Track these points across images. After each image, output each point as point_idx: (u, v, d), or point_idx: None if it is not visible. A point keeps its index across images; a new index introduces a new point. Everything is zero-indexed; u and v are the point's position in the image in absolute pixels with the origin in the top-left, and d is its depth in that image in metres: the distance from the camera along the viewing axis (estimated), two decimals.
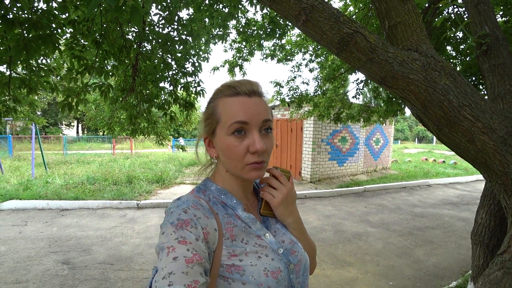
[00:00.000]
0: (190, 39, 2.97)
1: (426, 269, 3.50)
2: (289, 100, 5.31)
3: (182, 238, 0.50)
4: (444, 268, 3.56)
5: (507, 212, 1.30)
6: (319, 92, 5.37)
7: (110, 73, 2.77)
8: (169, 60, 3.16)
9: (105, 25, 2.30)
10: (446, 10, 2.74)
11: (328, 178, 8.91)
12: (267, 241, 0.65)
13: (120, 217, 5.07)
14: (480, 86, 2.48)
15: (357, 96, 5.07)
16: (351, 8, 4.29)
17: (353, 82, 5.07)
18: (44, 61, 2.67)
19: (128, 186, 6.86)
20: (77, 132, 34.70)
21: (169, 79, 3.38)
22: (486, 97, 1.77)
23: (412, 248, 4.09)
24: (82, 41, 2.48)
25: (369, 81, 4.70)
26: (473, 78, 2.48)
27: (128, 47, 2.57)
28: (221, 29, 3.80)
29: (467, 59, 2.79)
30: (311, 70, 5.69)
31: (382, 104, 4.72)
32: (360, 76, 4.85)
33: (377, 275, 3.31)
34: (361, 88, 4.88)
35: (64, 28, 2.20)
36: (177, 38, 2.82)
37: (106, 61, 2.71)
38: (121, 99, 3.41)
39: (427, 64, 1.16)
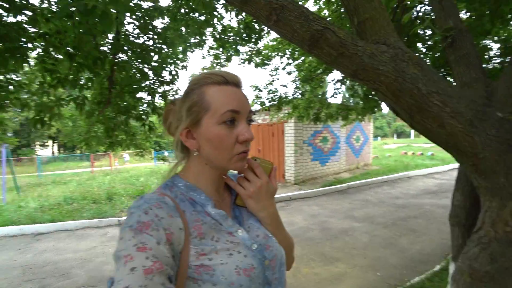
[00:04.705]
0: (165, 47, 2.96)
1: (411, 257, 3.61)
2: (269, 103, 5.38)
3: (141, 244, 0.46)
4: (428, 253, 3.68)
5: (479, 191, 1.37)
6: (298, 94, 5.47)
7: (85, 86, 2.70)
8: (146, 70, 3.13)
9: (77, 37, 2.25)
10: (415, 9, 2.89)
11: (311, 178, 9.02)
12: (240, 238, 0.61)
13: (101, 236, 4.87)
14: (449, 77, 2.62)
15: (335, 96, 5.20)
16: (326, 12, 4.42)
17: (330, 82, 5.21)
18: (13, 76, 2.56)
19: (108, 203, 6.63)
20: (53, 152, 33.29)
21: (146, 88, 3.33)
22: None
23: (396, 238, 4.21)
24: (54, 53, 2.41)
25: (345, 80, 4.84)
26: (442, 70, 2.62)
27: (102, 58, 2.52)
28: (197, 37, 3.81)
29: (436, 55, 2.94)
30: (288, 73, 5.79)
31: (360, 102, 4.87)
32: (337, 75, 5.00)
33: (365, 267, 3.37)
34: (338, 87, 5.01)
35: (34, 42, 2.13)
36: (152, 47, 2.79)
37: (80, 74, 2.64)
38: (97, 112, 3.32)
39: (395, 55, 1.21)
